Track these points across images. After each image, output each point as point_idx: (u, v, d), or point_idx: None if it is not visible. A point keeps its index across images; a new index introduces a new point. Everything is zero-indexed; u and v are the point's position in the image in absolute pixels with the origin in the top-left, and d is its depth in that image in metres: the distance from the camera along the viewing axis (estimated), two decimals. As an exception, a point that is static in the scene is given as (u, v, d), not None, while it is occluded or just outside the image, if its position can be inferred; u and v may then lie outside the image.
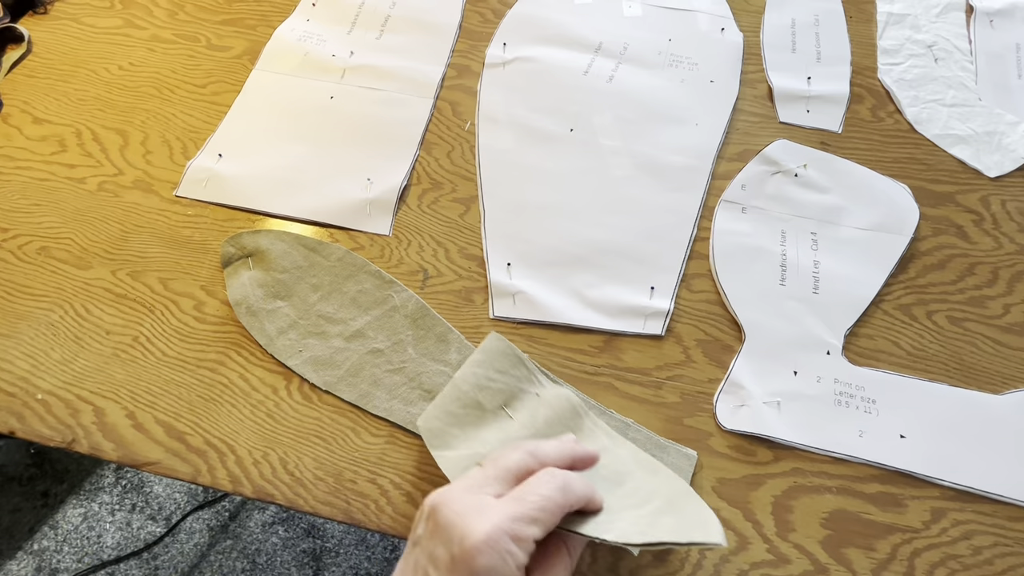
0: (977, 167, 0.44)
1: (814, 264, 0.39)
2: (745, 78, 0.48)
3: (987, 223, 0.42)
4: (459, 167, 0.43)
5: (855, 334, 0.37)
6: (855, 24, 0.52)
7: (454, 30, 0.50)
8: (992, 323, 0.38)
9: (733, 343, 0.37)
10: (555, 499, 0.21)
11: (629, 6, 0.52)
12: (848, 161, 0.44)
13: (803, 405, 0.34)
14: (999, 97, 0.48)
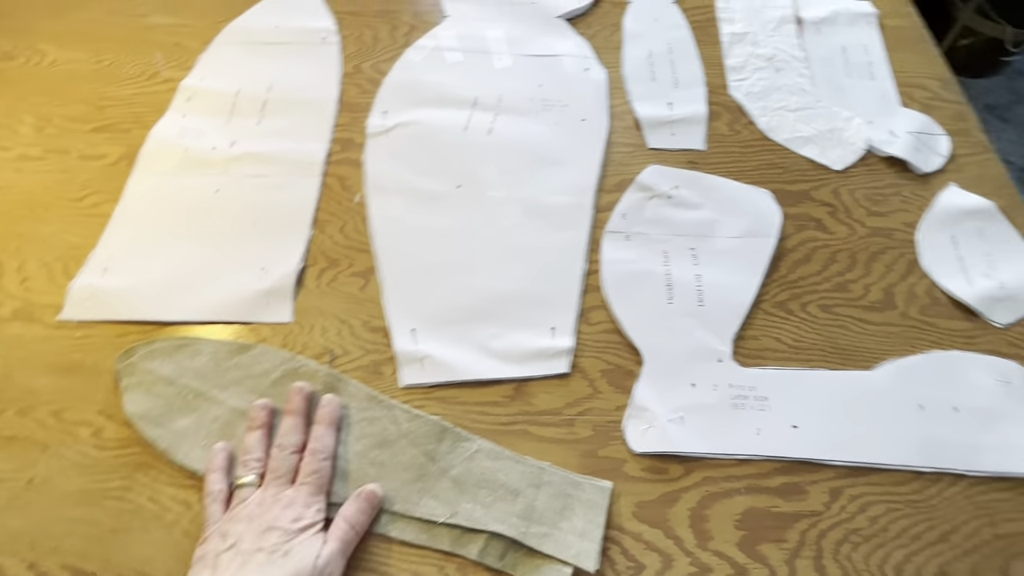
0: (825, 163, 0.49)
1: (696, 279, 0.42)
2: (614, 112, 0.52)
3: (840, 213, 0.46)
4: (353, 241, 0.44)
5: (742, 337, 0.40)
6: (704, 47, 0.57)
7: (334, 105, 0.52)
8: (857, 304, 0.42)
9: (634, 367, 0.39)
10: (321, 471, 0.33)
11: (499, 59, 0.55)
12: (714, 176, 0.48)
13: (704, 415, 0.37)
14: (834, 96, 0.53)
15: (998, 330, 0.41)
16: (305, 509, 0.30)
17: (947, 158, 0.49)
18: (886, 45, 0.57)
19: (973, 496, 0.35)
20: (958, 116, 0.52)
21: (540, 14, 0.58)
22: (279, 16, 0.58)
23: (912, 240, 0.45)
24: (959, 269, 0.43)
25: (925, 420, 0.37)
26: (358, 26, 0.58)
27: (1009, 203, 0.47)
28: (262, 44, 0.56)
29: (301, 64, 0.54)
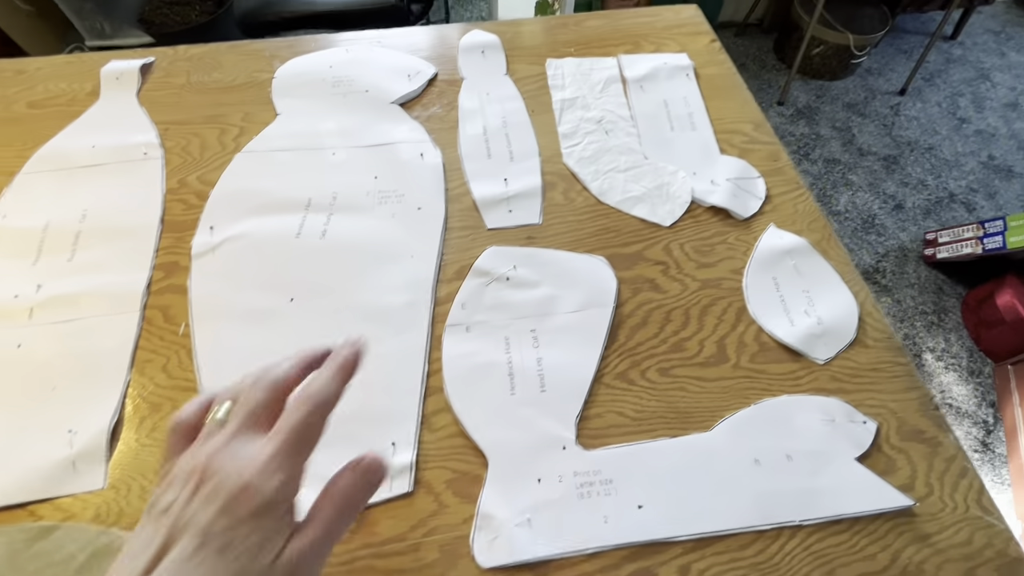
0: (655, 220, 0.51)
1: (538, 362, 0.42)
2: (451, 195, 0.52)
3: (672, 269, 0.48)
4: (178, 379, 0.41)
5: (585, 417, 0.40)
6: (537, 116, 0.58)
7: (155, 227, 0.49)
8: (692, 362, 0.43)
9: (480, 471, 0.38)
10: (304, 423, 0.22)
11: (333, 154, 0.54)
12: (551, 250, 0.48)
13: (551, 513, 0.36)
14: (660, 151, 0.56)
15: (820, 367, 0.43)
16: (265, 479, 0.21)
17: (764, 199, 0.52)
18: (703, 95, 0.61)
19: (811, 546, 0.36)
20: (772, 156, 0.56)
21: (373, 102, 0.58)
22: (95, 134, 0.55)
23: (740, 287, 0.47)
24: (782, 311, 0.45)
25: (761, 475, 0.38)
26: (184, 135, 0.56)
27: (822, 236, 0.50)
28: (76, 168, 0.52)
29: (119, 186, 0.51)
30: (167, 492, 0.21)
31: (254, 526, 0.20)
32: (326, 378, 0.24)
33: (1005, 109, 1.85)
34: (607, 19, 0.69)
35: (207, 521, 0.20)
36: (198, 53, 0.63)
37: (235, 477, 0.21)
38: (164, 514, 0.21)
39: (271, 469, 0.21)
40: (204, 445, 0.22)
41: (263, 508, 0.20)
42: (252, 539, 0.20)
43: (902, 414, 0.41)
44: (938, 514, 0.37)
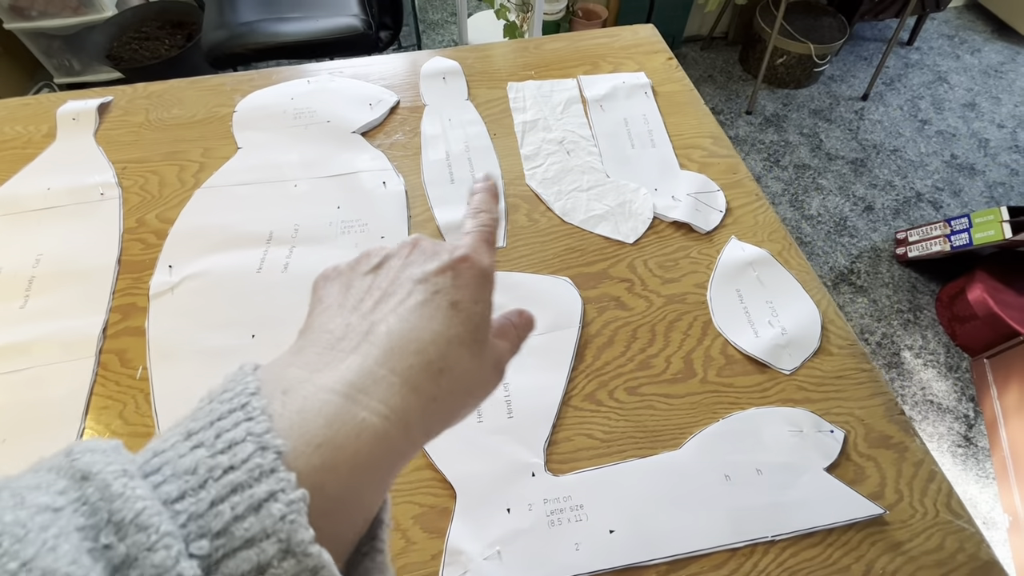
0: (619, 238, 0.51)
1: (504, 388, 0.42)
2: (414, 222, 0.52)
3: (637, 286, 0.48)
4: (136, 425, 0.40)
5: (554, 442, 0.40)
6: (499, 140, 0.59)
7: (112, 269, 0.48)
8: (660, 380, 0.43)
9: (449, 503, 0.37)
10: (487, 227, 0.22)
11: (295, 186, 0.54)
12: (515, 273, 0.48)
13: (522, 543, 0.35)
14: (621, 169, 0.57)
15: (787, 377, 0.43)
16: (479, 255, 0.20)
17: (724, 212, 0.53)
18: (662, 111, 0.62)
19: (784, 562, 0.35)
20: (731, 169, 0.57)
21: (335, 132, 0.58)
22: (51, 177, 0.54)
23: (704, 301, 0.47)
24: (747, 323, 0.46)
25: (732, 491, 0.37)
26: (142, 173, 0.55)
27: (783, 246, 0.51)
28: (29, 212, 0.51)
29: (75, 228, 0.50)
30: (367, 260, 0.21)
31: (477, 294, 0.19)
32: (482, 199, 0.24)
33: (963, 109, 1.91)
34: (567, 41, 0.70)
35: (434, 276, 0.19)
36: (157, 90, 0.63)
37: (450, 249, 0.20)
38: (377, 271, 0.20)
39: (480, 251, 0.21)
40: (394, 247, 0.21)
41: (483, 277, 0.20)
42: (477, 307, 0.19)
43: (869, 421, 0.41)
44: (909, 520, 0.37)
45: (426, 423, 0.17)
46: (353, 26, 1.15)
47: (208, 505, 0.13)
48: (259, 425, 0.14)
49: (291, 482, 0.13)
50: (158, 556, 0.11)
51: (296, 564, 0.12)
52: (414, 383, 0.17)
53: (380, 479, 0.16)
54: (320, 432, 0.14)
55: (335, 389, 0.15)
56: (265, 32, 1.13)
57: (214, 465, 0.13)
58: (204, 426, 0.14)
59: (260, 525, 0.12)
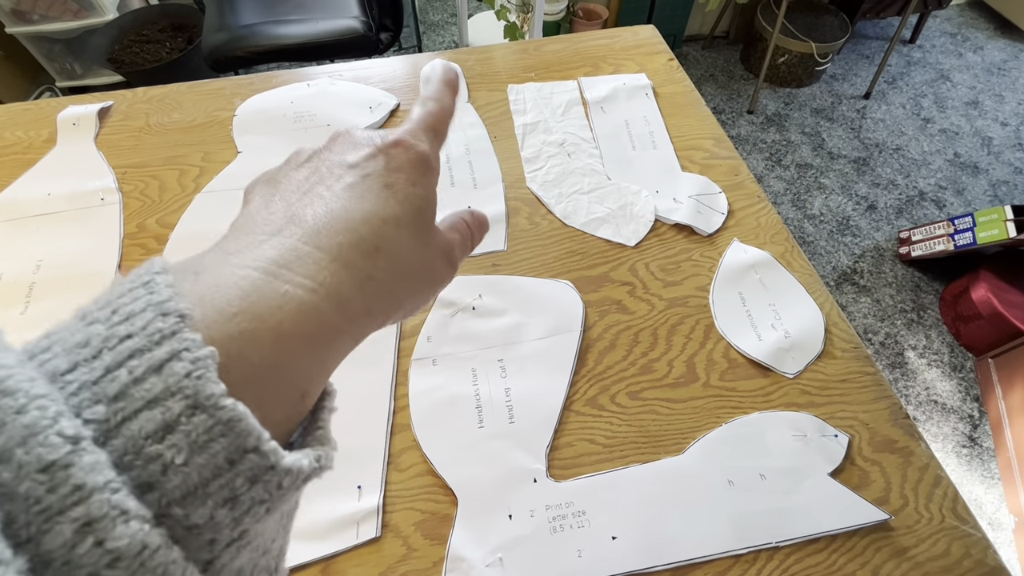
0: (620, 241, 0.51)
1: (506, 393, 0.42)
2: (415, 225, 0.52)
3: (639, 289, 0.48)
4: (135, 431, 0.40)
5: (555, 447, 0.40)
6: (500, 142, 0.59)
7: (113, 274, 0.48)
8: (662, 384, 0.43)
9: (450, 509, 0.37)
10: (433, 114, 0.21)
11: (295, 189, 0.54)
12: (516, 277, 0.48)
13: (524, 550, 0.35)
14: (622, 171, 0.56)
15: (790, 380, 0.43)
16: (415, 140, 0.19)
17: (726, 214, 0.52)
18: (663, 113, 0.61)
19: (789, 568, 0.35)
20: (733, 170, 0.56)
21: (335, 136, 0.58)
22: (51, 182, 0.54)
23: (707, 304, 0.47)
24: (749, 326, 0.45)
25: (735, 496, 0.37)
26: (142, 178, 0.55)
27: (786, 248, 0.50)
28: (30, 218, 0.51)
29: (76, 234, 0.50)
30: (296, 157, 0.19)
31: (413, 176, 0.18)
32: (436, 88, 0.22)
33: (966, 108, 1.91)
34: (567, 43, 0.70)
35: (365, 161, 0.18)
36: (157, 94, 0.63)
37: (382, 134, 0.19)
38: (305, 164, 0.19)
39: (417, 136, 0.19)
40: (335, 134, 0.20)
41: (420, 162, 0.19)
42: (415, 189, 0.18)
43: (873, 425, 0.41)
44: (914, 526, 0.37)
45: (366, 302, 0.16)
46: (353, 28, 1.15)
47: (103, 372, 0.12)
48: (160, 295, 0.13)
49: (196, 341, 0.12)
50: (29, 417, 0.10)
51: (208, 418, 0.11)
52: (344, 259, 0.16)
53: (315, 353, 0.15)
54: (236, 302, 0.13)
55: (254, 266, 0.14)
56: (266, 35, 1.14)
57: (109, 335, 0.12)
58: (101, 306, 0.13)
59: (163, 384, 0.11)
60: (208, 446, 0.11)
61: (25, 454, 0.10)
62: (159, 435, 0.11)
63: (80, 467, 0.10)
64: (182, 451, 0.11)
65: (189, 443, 0.11)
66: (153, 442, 0.11)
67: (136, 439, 0.11)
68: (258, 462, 0.12)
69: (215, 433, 0.12)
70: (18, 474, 0.10)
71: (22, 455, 0.10)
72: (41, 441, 0.10)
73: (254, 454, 0.12)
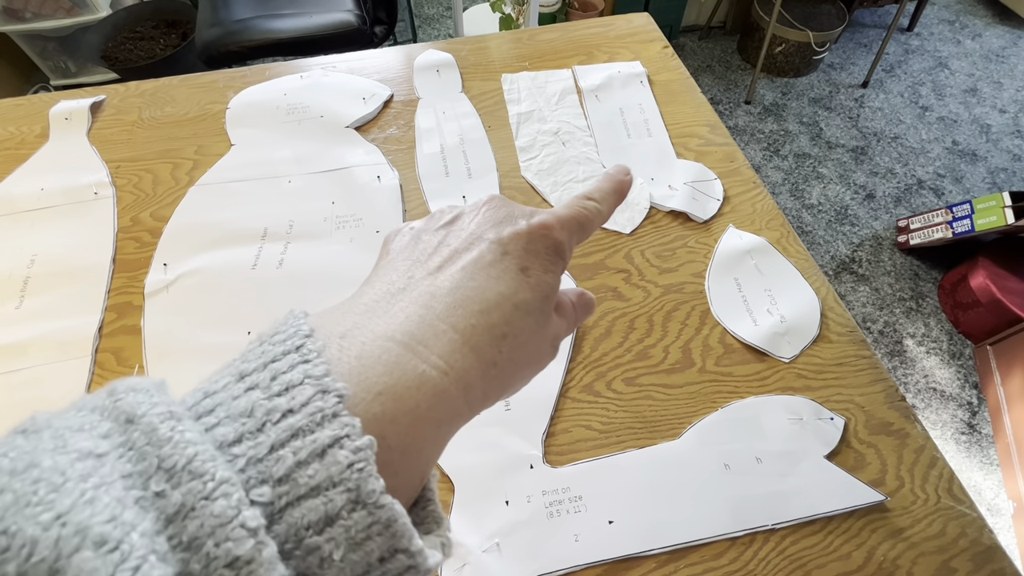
0: (615, 228, 0.51)
1: (501, 380, 0.41)
2: (409, 215, 0.52)
3: (634, 277, 0.48)
4: (132, 423, 0.40)
5: (552, 433, 0.40)
6: (494, 132, 0.58)
7: (107, 268, 0.48)
8: (658, 370, 0.43)
9: (447, 496, 0.37)
10: (582, 214, 0.21)
11: (289, 181, 0.54)
12: (511, 265, 0.48)
13: (520, 535, 0.35)
14: (617, 159, 0.56)
15: (786, 365, 0.43)
16: (557, 229, 0.19)
17: (722, 200, 0.52)
18: (657, 100, 0.61)
19: (785, 549, 0.35)
20: (728, 157, 0.56)
21: (328, 127, 0.58)
22: (44, 177, 0.54)
23: (702, 290, 0.47)
24: (745, 311, 0.45)
25: (732, 480, 0.37)
26: (136, 172, 0.55)
27: (781, 234, 0.50)
28: (23, 213, 0.51)
29: (69, 228, 0.50)
30: (440, 216, 0.20)
31: (548, 264, 0.19)
32: (606, 188, 0.23)
33: (965, 95, 1.90)
34: (561, 31, 0.69)
35: (507, 238, 0.18)
36: (150, 88, 0.62)
37: (529, 214, 0.20)
38: (449, 227, 0.19)
39: (560, 225, 0.20)
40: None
41: (556, 250, 0.19)
42: (546, 277, 0.19)
43: (869, 408, 0.41)
44: (910, 507, 0.37)
45: (485, 387, 0.16)
46: (347, 21, 1.14)
47: (268, 450, 0.12)
48: (317, 368, 0.13)
49: (356, 428, 0.12)
50: (218, 505, 0.10)
51: (367, 516, 0.12)
52: (475, 343, 0.16)
53: (438, 437, 0.15)
54: (380, 380, 0.14)
55: (394, 338, 0.15)
56: (259, 29, 1.13)
57: (271, 408, 0.12)
58: (257, 368, 0.13)
59: (326, 472, 0.12)
60: (365, 544, 0.12)
61: (215, 546, 0.10)
62: (320, 526, 0.11)
63: (260, 563, 0.10)
64: (340, 546, 0.11)
65: (348, 539, 0.12)
66: (314, 533, 0.11)
67: (298, 528, 0.11)
68: (406, 562, 0.12)
69: (373, 532, 0.12)
70: (207, 566, 0.10)
71: (212, 547, 0.10)
72: (228, 534, 0.10)
73: (403, 554, 0.12)
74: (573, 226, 0.20)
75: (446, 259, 0.18)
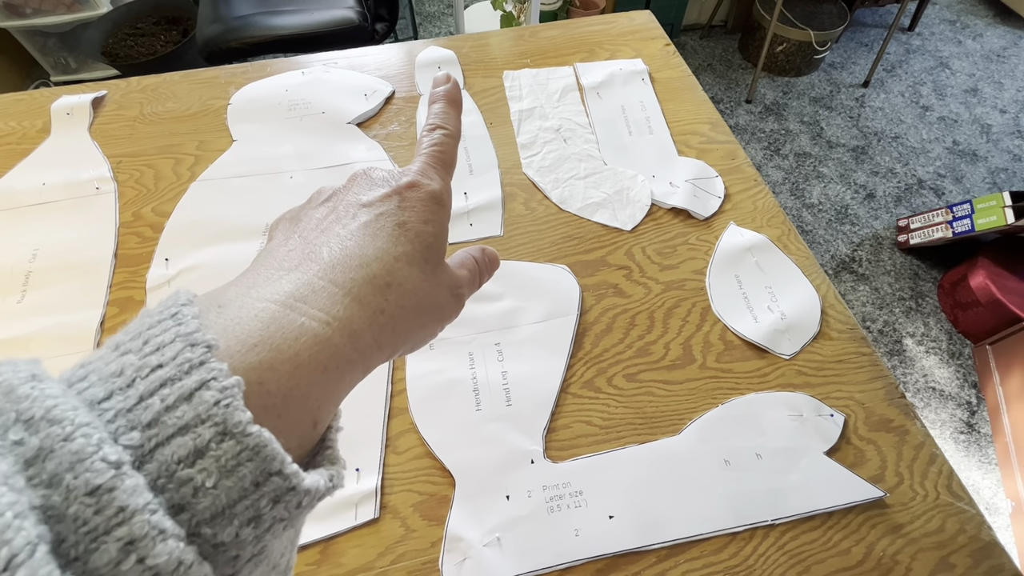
0: (617, 225, 0.51)
1: (503, 376, 0.42)
2: (411, 212, 0.52)
3: (635, 273, 0.48)
4: (134, 417, 0.40)
5: (552, 429, 0.40)
6: (495, 129, 0.58)
7: (109, 263, 0.48)
8: (659, 366, 0.43)
9: (448, 491, 0.37)
10: (442, 144, 0.21)
11: (290, 177, 0.54)
12: (513, 261, 0.48)
13: (521, 529, 0.35)
14: (618, 156, 0.56)
15: (786, 362, 0.43)
16: (426, 179, 0.20)
17: (723, 198, 0.52)
18: (659, 98, 0.61)
19: (785, 545, 0.35)
20: (729, 154, 0.56)
21: (330, 123, 0.58)
22: (46, 172, 0.54)
23: (703, 287, 0.47)
24: (746, 308, 0.45)
25: (731, 476, 0.37)
26: (137, 167, 0.55)
27: (782, 231, 0.50)
28: (25, 207, 0.51)
29: (71, 223, 0.50)
30: (317, 196, 0.20)
31: (426, 215, 0.19)
32: (442, 109, 0.23)
33: (965, 95, 1.90)
34: (563, 29, 0.69)
35: (379, 199, 0.19)
36: (152, 84, 0.62)
37: (397, 175, 0.20)
38: (327, 203, 0.19)
39: (429, 174, 0.20)
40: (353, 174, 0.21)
41: (433, 200, 0.19)
42: (427, 227, 0.19)
43: (869, 404, 0.41)
44: (909, 503, 0.37)
45: (376, 335, 0.17)
46: (348, 18, 1.14)
47: (137, 400, 0.12)
48: (188, 327, 0.13)
49: (223, 371, 0.13)
50: (76, 443, 0.11)
51: (236, 444, 0.12)
52: (357, 294, 0.16)
53: (328, 383, 0.15)
54: (256, 333, 0.14)
55: (273, 299, 0.15)
56: (260, 26, 1.13)
57: (141, 365, 0.13)
58: (132, 337, 0.14)
59: (193, 412, 0.12)
60: (236, 470, 0.12)
61: (74, 479, 0.11)
62: (190, 460, 0.12)
63: (123, 490, 0.11)
64: (212, 475, 0.12)
65: (219, 467, 0.12)
66: (185, 466, 0.12)
67: (169, 463, 0.12)
68: (281, 484, 0.13)
69: (243, 458, 0.12)
70: (67, 497, 0.11)
71: (71, 479, 0.11)
72: (88, 467, 0.11)
73: (277, 477, 0.13)
74: (438, 167, 0.21)
75: (323, 230, 0.18)
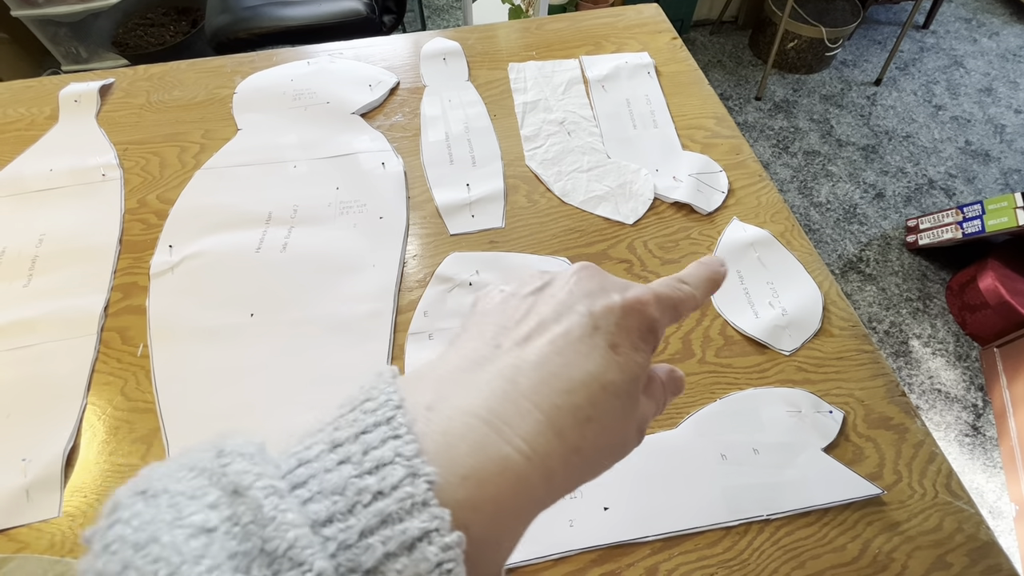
0: (619, 219, 0.51)
1: (501, 367, 0.42)
2: (413, 202, 0.52)
3: (636, 267, 0.48)
4: (136, 401, 0.41)
5: (550, 421, 0.40)
6: (499, 121, 0.58)
7: (114, 248, 0.48)
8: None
9: (444, 480, 0.37)
10: (675, 297, 0.20)
11: (294, 166, 0.54)
12: (513, 254, 0.48)
13: (515, 518, 0.36)
14: (622, 150, 0.56)
15: (786, 358, 0.43)
16: (651, 306, 0.19)
17: (726, 193, 0.52)
18: (664, 92, 0.61)
19: (780, 540, 0.35)
20: (734, 149, 0.56)
21: (334, 113, 0.58)
22: (53, 158, 0.54)
23: (704, 281, 0.47)
24: (747, 303, 0.45)
25: (728, 470, 0.37)
26: (143, 155, 0.55)
27: (786, 227, 0.50)
28: (32, 193, 0.52)
29: (77, 209, 0.51)
30: (531, 281, 0.19)
31: (639, 343, 0.18)
32: (704, 279, 0.22)
33: (980, 94, 1.87)
34: (569, 21, 0.69)
35: (599, 312, 0.17)
36: (158, 72, 0.63)
37: (623, 287, 0.19)
38: (539, 293, 0.19)
39: (655, 302, 0.19)
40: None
41: (650, 327, 0.18)
42: (637, 357, 0.18)
43: (869, 402, 0.41)
44: (907, 501, 0.37)
45: (567, 476, 0.15)
46: (356, 10, 1.14)
47: (358, 535, 0.12)
48: (408, 447, 0.13)
49: (445, 521, 0.12)
50: None
51: None
52: (559, 426, 0.15)
53: (517, 529, 0.14)
54: (465, 462, 0.13)
55: (479, 414, 0.14)
56: (269, 16, 1.13)
57: (362, 487, 0.12)
58: (349, 438, 0.13)
59: (414, 569, 0.11)
60: None
61: None
62: None
63: None
64: None
65: None
66: None
67: None
68: None
69: None
70: None
71: None
72: None
73: None
74: (667, 305, 0.19)
75: (533, 329, 0.17)
